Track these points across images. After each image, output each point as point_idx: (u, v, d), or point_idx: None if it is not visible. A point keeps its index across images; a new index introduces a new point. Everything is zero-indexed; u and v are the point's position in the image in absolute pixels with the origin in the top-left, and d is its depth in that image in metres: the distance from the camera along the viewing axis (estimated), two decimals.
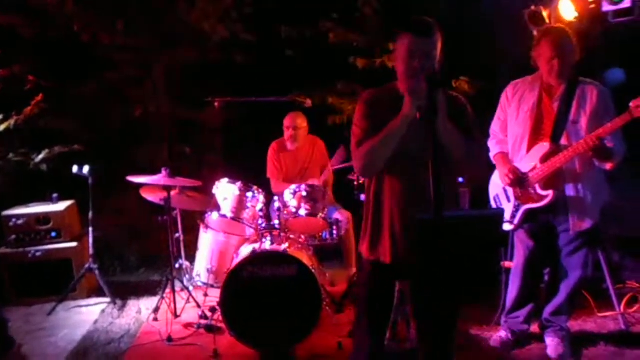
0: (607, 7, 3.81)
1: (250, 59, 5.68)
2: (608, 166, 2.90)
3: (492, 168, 3.29)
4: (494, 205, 3.31)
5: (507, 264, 3.46)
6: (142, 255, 5.40)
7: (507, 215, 3.18)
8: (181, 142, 5.80)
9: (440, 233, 1.36)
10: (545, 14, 4.09)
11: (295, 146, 4.43)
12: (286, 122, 4.43)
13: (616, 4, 3.72)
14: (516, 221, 3.13)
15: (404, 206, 2.13)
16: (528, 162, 3.05)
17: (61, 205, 4.58)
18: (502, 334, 3.34)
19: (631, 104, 2.72)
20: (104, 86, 5.47)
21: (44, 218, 4.45)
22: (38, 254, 4.37)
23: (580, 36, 3.01)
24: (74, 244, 4.48)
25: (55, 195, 4.64)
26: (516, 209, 3.14)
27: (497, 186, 3.28)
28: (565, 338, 3.23)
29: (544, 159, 2.97)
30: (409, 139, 2.05)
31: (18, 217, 4.38)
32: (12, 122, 4.83)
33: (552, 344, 3.22)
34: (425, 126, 1.52)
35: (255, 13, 5.70)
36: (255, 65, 5.66)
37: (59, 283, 4.33)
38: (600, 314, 3.68)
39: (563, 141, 2.96)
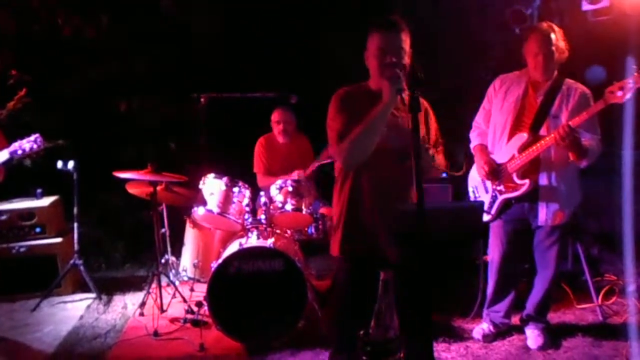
0: (586, 7, 3.90)
1: (235, 54, 5.69)
2: (582, 164, 2.95)
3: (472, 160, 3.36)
4: (472, 196, 3.38)
5: (486, 257, 3.53)
6: (127, 250, 5.39)
7: (484, 206, 3.24)
8: (166, 137, 5.79)
9: (422, 223, 1.40)
10: (527, 13, 4.16)
11: (287, 140, 4.46)
12: (275, 117, 4.44)
13: (595, 3, 3.80)
14: (493, 211, 3.19)
15: (384, 200, 2.16)
16: (507, 152, 3.12)
17: (45, 201, 4.55)
18: (484, 326, 3.41)
19: (606, 90, 2.78)
20: (88, 81, 5.43)
21: (28, 214, 4.42)
22: (22, 249, 4.34)
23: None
24: (58, 240, 4.46)
25: (39, 190, 4.60)
26: (493, 199, 3.20)
27: (475, 179, 3.35)
28: (545, 329, 3.32)
29: (522, 149, 3.04)
30: (388, 133, 2.09)
31: (1, 212, 4.35)
32: None
33: (532, 335, 3.31)
34: (409, 120, 1.57)
35: (241, 7, 5.69)
36: (241, 61, 5.66)
37: (43, 279, 4.29)
38: (578, 306, 3.78)
39: (542, 133, 3.02)
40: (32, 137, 3.35)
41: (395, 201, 2.07)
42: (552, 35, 2.98)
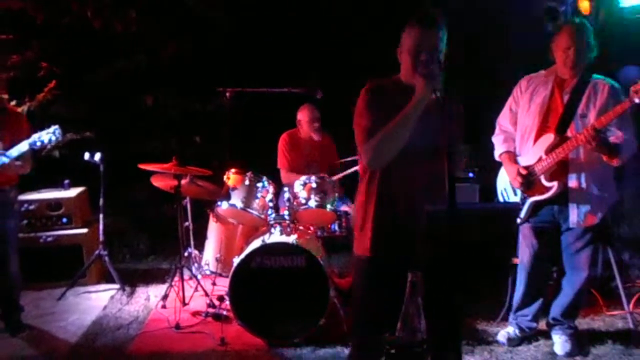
0: (625, 3, 3.79)
1: (261, 49, 5.69)
2: (614, 162, 2.85)
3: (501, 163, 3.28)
4: (501, 198, 3.30)
5: (515, 260, 3.44)
6: (151, 243, 5.45)
7: None
8: (191, 131, 5.83)
9: (454, 224, 1.36)
10: (561, 9, 4.06)
11: (320, 137, 4.43)
12: (307, 116, 4.40)
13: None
14: (522, 214, 3.11)
15: (413, 200, 2.09)
16: (534, 153, 3.04)
17: (72, 192, 4.62)
18: (510, 329, 3.34)
19: (631, 89, 2.66)
20: (115, 74, 5.49)
21: (56, 204, 4.50)
22: (49, 239, 4.42)
23: (596, 32, 2.99)
24: (84, 230, 4.53)
25: (66, 181, 4.68)
26: (522, 202, 3.12)
27: (504, 180, 3.27)
28: (573, 335, 3.23)
29: (549, 150, 2.95)
30: (417, 128, 2.01)
31: (30, 202, 4.43)
32: (25, 107, 4.88)
33: (559, 340, 3.22)
34: (441, 114, 1.50)
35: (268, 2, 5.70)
36: (266, 55, 5.66)
37: (68, 268, 4.37)
38: (608, 313, 3.67)
39: (569, 134, 2.93)
40: (51, 129, 3.32)
41: (424, 201, 2.00)
42: (584, 31, 2.90)
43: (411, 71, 2.09)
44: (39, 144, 3.29)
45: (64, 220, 4.49)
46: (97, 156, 4.23)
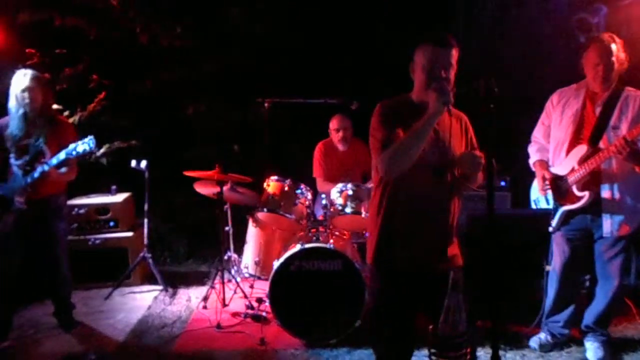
0: None
1: (298, 61, 5.86)
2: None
3: (532, 173, 3.37)
4: (533, 207, 3.37)
5: (547, 267, 3.50)
6: (190, 246, 5.65)
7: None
8: (230, 140, 6.03)
9: (492, 229, 1.47)
10: (593, 22, 4.11)
11: (346, 147, 4.55)
12: (334, 124, 4.53)
13: None
14: (554, 223, 3.18)
15: (420, 214, 2.20)
16: (567, 164, 3.11)
17: (119, 197, 4.86)
18: (542, 335, 3.39)
19: None
20: (160, 85, 5.74)
21: (103, 208, 4.74)
22: (97, 241, 4.67)
23: (628, 44, 3.05)
24: (130, 234, 4.76)
25: (114, 187, 4.92)
26: (554, 211, 3.19)
27: (537, 190, 3.34)
28: (606, 343, 3.26)
29: (582, 161, 3.02)
30: (426, 148, 2.13)
31: (80, 206, 4.69)
32: (76, 117, 5.16)
33: (591, 347, 3.26)
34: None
35: (305, 16, 5.87)
36: (304, 67, 5.83)
37: (115, 270, 4.61)
38: None
39: (602, 145, 2.99)
40: (87, 139, 3.41)
41: (430, 216, 2.15)
42: (613, 46, 2.96)
43: (424, 88, 2.20)
44: (74, 153, 3.38)
45: (111, 224, 4.73)
46: (143, 163, 4.46)
